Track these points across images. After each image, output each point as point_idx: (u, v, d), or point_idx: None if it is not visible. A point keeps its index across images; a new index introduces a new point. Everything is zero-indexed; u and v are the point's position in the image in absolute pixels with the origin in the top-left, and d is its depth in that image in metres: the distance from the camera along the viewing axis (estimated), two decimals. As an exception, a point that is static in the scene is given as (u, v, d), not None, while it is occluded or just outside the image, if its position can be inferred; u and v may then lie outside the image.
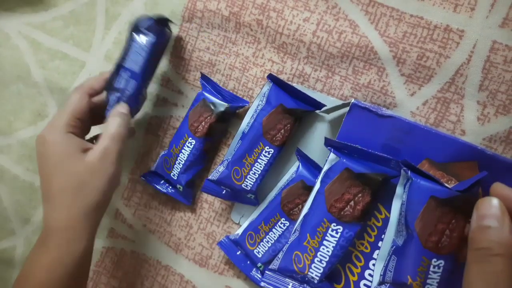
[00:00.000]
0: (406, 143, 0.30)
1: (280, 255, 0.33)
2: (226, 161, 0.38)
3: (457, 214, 0.26)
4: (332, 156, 0.31)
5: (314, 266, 0.31)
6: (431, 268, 0.26)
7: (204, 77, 0.41)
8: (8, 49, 0.51)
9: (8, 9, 0.50)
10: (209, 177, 0.38)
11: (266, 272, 0.33)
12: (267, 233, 0.37)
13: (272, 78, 0.37)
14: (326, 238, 0.30)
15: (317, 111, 0.38)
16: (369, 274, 0.31)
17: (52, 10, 0.49)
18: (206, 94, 0.40)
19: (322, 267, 0.31)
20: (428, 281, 0.26)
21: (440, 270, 0.26)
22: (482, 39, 0.33)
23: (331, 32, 0.37)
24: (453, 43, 0.34)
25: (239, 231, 0.40)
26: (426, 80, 0.35)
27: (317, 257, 0.31)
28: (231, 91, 0.41)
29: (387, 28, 0.35)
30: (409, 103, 0.35)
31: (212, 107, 0.39)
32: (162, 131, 0.45)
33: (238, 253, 0.39)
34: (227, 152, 0.39)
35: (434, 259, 0.26)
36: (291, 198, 0.37)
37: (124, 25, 0.46)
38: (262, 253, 0.38)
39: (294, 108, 0.37)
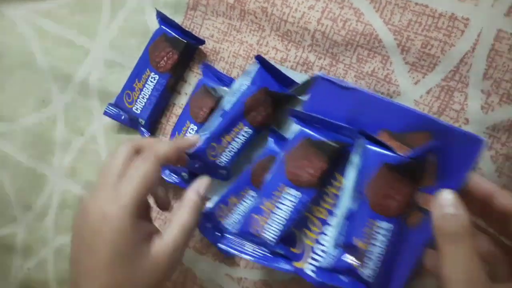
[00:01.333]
0: (366, 114, 0.31)
1: (241, 220, 0.33)
2: (203, 136, 0.38)
3: (406, 180, 0.27)
4: (295, 126, 0.32)
5: (270, 229, 0.32)
6: (378, 230, 0.28)
7: (204, 64, 0.41)
8: (14, 36, 0.51)
9: (15, -3, 0.51)
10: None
11: (227, 235, 0.34)
12: (237, 206, 0.38)
13: (260, 59, 0.37)
14: (282, 202, 0.31)
15: (299, 96, 0.38)
16: (325, 240, 0.32)
17: (59, -2, 0.49)
18: (206, 80, 0.40)
19: (278, 229, 0.32)
20: (374, 242, 0.28)
21: (387, 233, 0.28)
22: (487, 28, 0.33)
23: (335, 20, 0.37)
24: (458, 31, 0.34)
25: (210, 204, 0.40)
26: (430, 68, 0.35)
27: (273, 220, 0.32)
28: (232, 77, 0.41)
29: (392, 16, 0.35)
30: (413, 92, 0.35)
31: (213, 93, 0.39)
32: (165, 118, 0.45)
33: (208, 225, 0.40)
34: (205, 127, 0.38)
35: (382, 222, 0.27)
36: (261, 172, 0.37)
37: (129, 12, 0.46)
38: (232, 224, 0.38)
39: (278, 92, 0.37)
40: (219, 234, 0.40)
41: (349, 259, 0.30)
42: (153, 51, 0.42)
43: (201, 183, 0.33)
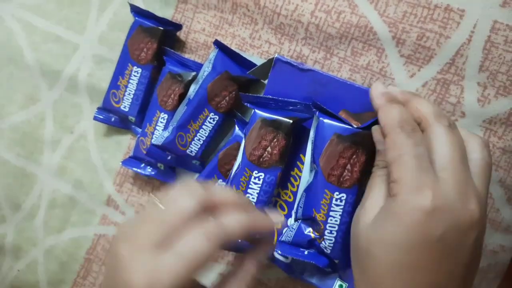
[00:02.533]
0: (325, 95, 0.32)
1: None
2: (171, 126, 0.38)
3: (358, 150, 0.28)
4: (251, 112, 0.33)
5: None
6: (334, 201, 0.28)
7: (167, 51, 0.40)
8: (0, 31, 0.50)
9: (0, -9, 0.50)
10: (153, 142, 0.38)
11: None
12: None
13: (218, 44, 0.37)
14: (250, 186, 0.32)
15: (262, 80, 0.38)
16: (290, 219, 0.33)
17: (46, -8, 0.48)
18: (171, 67, 0.40)
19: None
20: (331, 213, 0.29)
21: (343, 203, 0.29)
22: (482, 19, 0.33)
23: (329, 12, 0.36)
24: (454, 23, 0.33)
25: None
26: (426, 61, 0.34)
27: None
28: (196, 61, 0.40)
29: (387, 8, 0.35)
30: (409, 85, 0.35)
31: (179, 78, 0.39)
32: (157, 115, 0.44)
33: None
34: (173, 118, 0.38)
35: (336, 193, 0.28)
36: (228, 160, 0.37)
37: (118, 6, 0.45)
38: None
39: (239, 76, 0.37)
40: None
41: (309, 231, 0.30)
42: (132, 45, 0.41)
43: (264, 250, 0.27)
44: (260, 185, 0.32)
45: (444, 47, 0.34)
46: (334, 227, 0.29)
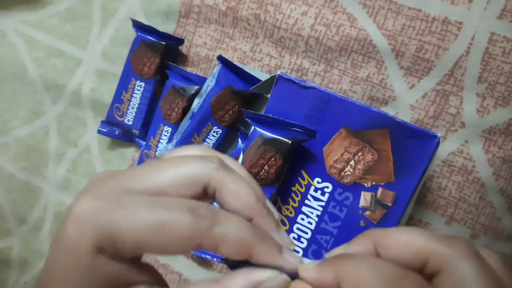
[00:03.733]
0: (326, 112, 0.32)
1: None
2: (175, 139, 0.39)
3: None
4: (251, 127, 0.34)
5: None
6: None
7: (170, 66, 0.41)
8: (4, 47, 0.50)
9: (4, 7, 0.50)
10: (157, 155, 0.39)
11: None
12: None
13: (221, 59, 0.37)
14: None
15: (265, 94, 0.39)
16: (293, 237, 0.34)
17: (48, 8, 0.48)
18: (174, 81, 0.40)
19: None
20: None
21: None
22: (480, 31, 0.33)
23: (329, 26, 0.37)
24: (452, 35, 0.34)
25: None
26: (425, 72, 0.35)
27: None
28: (199, 75, 0.41)
29: (386, 21, 0.35)
30: (408, 96, 0.35)
31: (182, 92, 0.40)
32: (160, 127, 0.45)
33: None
34: (177, 131, 0.39)
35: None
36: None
37: (121, 21, 0.45)
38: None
39: (242, 90, 0.38)
40: None
41: None
42: (135, 59, 0.42)
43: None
44: None
45: (443, 58, 0.34)
46: None
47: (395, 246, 0.16)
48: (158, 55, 0.41)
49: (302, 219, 0.33)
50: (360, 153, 0.31)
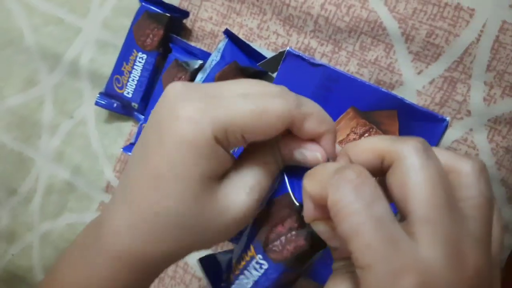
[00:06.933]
0: (334, 91, 0.31)
1: None
2: None
3: None
4: None
5: None
6: None
7: (174, 39, 0.40)
8: (0, 12, 0.49)
9: (1, -30, 0.48)
10: None
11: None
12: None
13: (228, 33, 0.37)
14: None
15: (271, 73, 0.38)
16: None
17: (49, -27, 0.47)
18: (178, 55, 0.40)
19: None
20: None
21: None
22: (492, 19, 0.33)
23: (339, 6, 0.36)
24: (463, 21, 0.33)
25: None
26: (434, 58, 0.34)
27: None
28: (203, 49, 0.40)
29: (397, 3, 0.35)
30: (416, 82, 0.35)
31: (185, 66, 0.39)
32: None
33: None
34: None
35: None
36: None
37: (124, -9, 0.44)
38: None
39: (248, 67, 0.37)
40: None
41: None
42: (138, 30, 0.40)
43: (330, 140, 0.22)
44: None
45: (453, 45, 0.34)
46: None
47: (361, 153, 0.19)
48: (162, 27, 0.40)
49: None
50: (366, 134, 0.31)
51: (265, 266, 0.25)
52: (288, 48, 0.32)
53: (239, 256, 0.27)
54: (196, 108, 0.19)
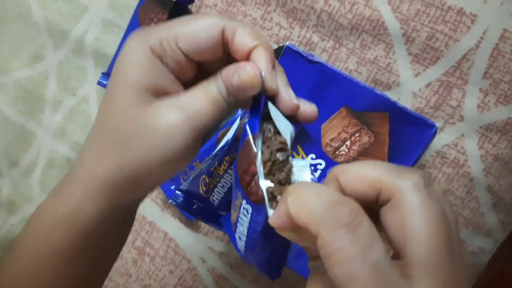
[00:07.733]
0: (330, 89, 0.32)
1: (190, 178, 0.34)
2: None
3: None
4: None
5: (216, 191, 0.31)
6: (242, 210, 0.24)
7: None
8: (9, -15, 0.49)
9: None
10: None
11: (177, 191, 0.35)
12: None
13: None
14: (231, 167, 0.29)
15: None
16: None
17: (59, -51, 0.47)
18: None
19: (223, 192, 0.31)
20: (240, 220, 0.25)
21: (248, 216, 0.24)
22: (493, 26, 0.33)
23: (343, 2, 0.36)
24: (464, 26, 0.33)
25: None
26: (432, 62, 0.35)
27: (222, 184, 0.31)
28: None
29: (401, 4, 0.35)
30: (412, 84, 0.35)
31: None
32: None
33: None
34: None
35: (244, 201, 0.23)
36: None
37: (132, -28, 0.44)
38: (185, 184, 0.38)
39: None
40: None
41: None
42: (143, 13, 0.41)
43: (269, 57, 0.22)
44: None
45: (452, 50, 0.34)
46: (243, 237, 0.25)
47: (352, 181, 0.18)
48: (167, 11, 0.40)
49: None
50: (357, 134, 0.31)
51: (250, 210, 0.24)
52: (287, 43, 0.32)
53: (234, 205, 0.26)
54: (138, 34, 0.22)
